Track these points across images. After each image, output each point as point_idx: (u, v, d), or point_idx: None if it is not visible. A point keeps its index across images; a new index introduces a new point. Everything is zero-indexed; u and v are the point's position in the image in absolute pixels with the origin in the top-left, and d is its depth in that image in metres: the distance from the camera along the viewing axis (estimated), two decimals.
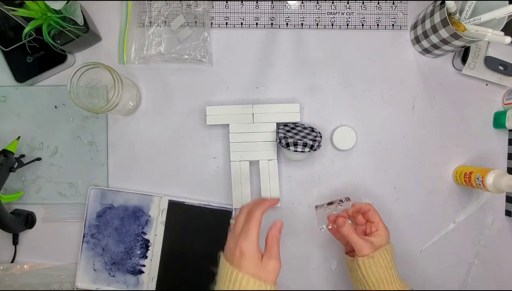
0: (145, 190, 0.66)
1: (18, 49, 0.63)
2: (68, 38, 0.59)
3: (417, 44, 0.65)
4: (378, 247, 0.55)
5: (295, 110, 0.64)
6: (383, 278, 0.53)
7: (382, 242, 0.56)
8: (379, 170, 0.67)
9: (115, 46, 0.66)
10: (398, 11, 0.67)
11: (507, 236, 0.67)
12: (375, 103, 0.67)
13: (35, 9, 0.55)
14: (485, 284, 0.68)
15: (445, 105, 0.67)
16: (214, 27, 0.66)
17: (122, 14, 0.66)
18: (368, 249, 0.54)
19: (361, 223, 0.60)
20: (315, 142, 0.60)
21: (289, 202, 0.67)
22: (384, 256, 0.54)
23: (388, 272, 0.54)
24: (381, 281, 0.53)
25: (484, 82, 0.67)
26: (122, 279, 0.65)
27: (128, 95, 0.60)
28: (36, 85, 0.66)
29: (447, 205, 0.68)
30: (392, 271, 0.54)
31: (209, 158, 0.67)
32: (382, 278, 0.53)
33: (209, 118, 0.64)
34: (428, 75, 0.67)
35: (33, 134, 0.66)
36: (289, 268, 0.67)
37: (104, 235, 0.66)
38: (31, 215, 0.66)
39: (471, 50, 0.64)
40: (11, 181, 0.64)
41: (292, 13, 0.67)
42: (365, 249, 0.54)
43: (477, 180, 0.60)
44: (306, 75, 0.67)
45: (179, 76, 0.67)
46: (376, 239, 0.56)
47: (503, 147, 0.67)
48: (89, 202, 0.65)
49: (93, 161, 0.66)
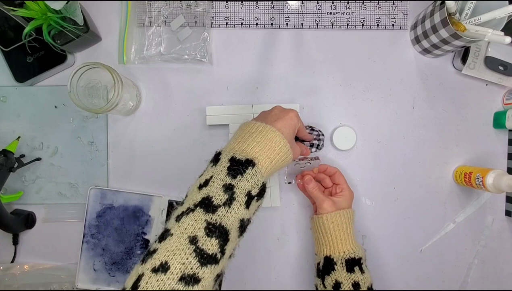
0: (145, 190, 0.66)
1: (18, 49, 0.63)
2: (68, 38, 0.59)
3: (417, 44, 0.65)
4: (339, 207, 0.57)
5: None
6: (338, 237, 0.55)
7: (345, 204, 0.58)
8: (379, 170, 0.67)
9: (115, 46, 0.66)
10: (398, 11, 0.67)
11: (507, 236, 0.67)
12: (375, 103, 0.67)
13: (35, 9, 0.55)
14: (485, 284, 0.68)
15: (445, 105, 0.67)
16: (214, 27, 0.66)
17: (122, 14, 0.66)
18: (329, 206, 0.56)
19: (327, 185, 0.62)
20: (320, 141, 0.61)
21: (289, 202, 0.67)
22: (343, 217, 0.56)
23: (344, 233, 0.55)
24: (336, 240, 0.55)
25: (484, 82, 0.67)
26: (122, 279, 0.65)
27: (128, 95, 0.60)
28: (36, 85, 0.66)
29: (447, 205, 0.68)
30: (348, 232, 0.56)
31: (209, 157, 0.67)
32: (337, 238, 0.55)
33: (209, 118, 0.64)
34: (428, 75, 0.67)
35: (33, 134, 0.66)
36: (289, 268, 0.67)
37: (104, 235, 0.66)
38: (31, 215, 0.66)
39: (471, 50, 0.64)
40: (11, 181, 0.64)
41: (292, 13, 0.67)
42: (326, 206, 0.56)
43: (477, 180, 0.60)
44: (306, 75, 0.67)
45: (179, 76, 0.67)
46: (339, 199, 0.58)
47: (503, 147, 0.67)
48: (89, 202, 0.65)
49: (93, 161, 0.66)
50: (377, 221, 0.67)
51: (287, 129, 0.48)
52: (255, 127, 0.46)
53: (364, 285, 0.53)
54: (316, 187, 0.58)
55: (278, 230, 0.67)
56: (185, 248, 0.36)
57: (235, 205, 0.40)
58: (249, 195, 0.42)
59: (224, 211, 0.39)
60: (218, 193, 0.40)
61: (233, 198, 0.40)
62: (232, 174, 0.42)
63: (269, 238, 0.67)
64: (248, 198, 0.42)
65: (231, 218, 0.40)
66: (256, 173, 0.42)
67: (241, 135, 0.46)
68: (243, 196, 0.41)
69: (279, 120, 0.48)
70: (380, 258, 0.67)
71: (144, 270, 0.35)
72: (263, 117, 0.50)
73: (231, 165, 0.42)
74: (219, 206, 0.39)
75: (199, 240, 0.37)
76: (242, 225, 0.42)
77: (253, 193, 0.42)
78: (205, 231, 0.38)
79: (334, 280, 0.53)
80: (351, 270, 0.53)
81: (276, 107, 0.52)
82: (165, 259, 0.35)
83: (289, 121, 0.49)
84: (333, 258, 0.54)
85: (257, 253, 0.67)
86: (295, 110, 0.51)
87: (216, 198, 0.40)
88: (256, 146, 0.44)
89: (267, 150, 0.44)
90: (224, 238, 0.39)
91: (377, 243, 0.67)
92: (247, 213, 0.42)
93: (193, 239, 0.37)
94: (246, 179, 0.42)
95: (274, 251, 0.67)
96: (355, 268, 0.53)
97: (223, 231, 0.39)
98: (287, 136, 0.47)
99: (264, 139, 0.45)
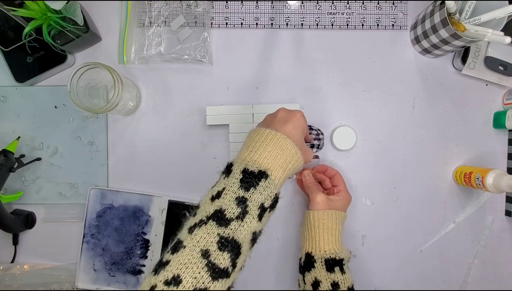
0: (145, 190, 0.66)
1: (18, 49, 0.63)
2: (68, 38, 0.59)
3: (417, 44, 0.65)
4: (332, 207, 0.56)
5: None
6: (322, 236, 0.54)
7: (339, 205, 0.57)
8: (379, 170, 0.67)
9: (115, 46, 0.66)
10: (398, 11, 0.67)
11: (507, 236, 0.67)
12: (375, 103, 0.67)
13: (35, 9, 0.55)
14: (485, 284, 0.68)
15: (445, 105, 0.67)
16: (214, 27, 0.66)
17: (122, 14, 0.66)
18: (322, 202, 0.55)
19: (327, 187, 0.62)
20: (320, 141, 0.62)
21: (289, 202, 0.67)
22: (332, 218, 0.55)
23: (329, 233, 0.54)
24: (319, 238, 0.54)
25: (484, 82, 0.67)
26: (122, 279, 0.65)
27: (128, 95, 0.60)
28: (36, 85, 0.66)
29: (447, 205, 0.68)
30: (334, 234, 0.55)
31: (209, 158, 0.67)
32: (321, 236, 0.54)
33: (209, 119, 0.64)
34: (428, 75, 0.67)
35: (33, 134, 0.66)
36: (289, 268, 0.67)
37: (104, 235, 0.66)
38: (31, 215, 0.66)
39: (471, 50, 0.64)
40: (11, 181, 0.64)
41: (292, 13, 0.67)
42: (319, 200, 0.55)
43: (477, 180, 0.60)
44: (306, 75, 0.67)
45: (179, 76, 0.67)
46: (335, 198, 0.57)
47: (503, 147, 0.67)
48: (89, 202, 0.65)
49: (93, 161, 0.66)
50: (377, 221, 0.67)
51: (297, 133, 0.47)
52: (265, 135, 0.45)
53: (344, 285, 0.52)
54: (313, 182, 0.58)
55: (278, 230, 0.67)
56: (197, 261, 0.36)
57: (248, 218, 0.40)
58: (262, 207, 0.42)
59: (237, 225, 0.39)
60: (231, 206, 0.40)
61: (246, 212, 0.40)
62: (245, 187, 0.41)
63: (269, 238, 0.67)
64: (261, 211, 0.42)
65: (243, 231, 0.40)
66: (269, 184, 0.42)
67: (252, 144, 0.45)
68: (256, 208, 0.41)
69: (288, 123, 0.47)
70: (380, 258, 0.67)
71: (156, 281, 0.36)
72: (269, 122, 0.49)
73: (244, 177, 0.42)
74: (232, 220, 0.39)
75: (211, 254, 0.37)
76: (254, 237, 0.42)
77: (266, 205, 0.42)
78: (217, 245, 0.38)
79: (314, 277, 0.53)
80: (331, 270, 0.53)
81: (280, 110, 0.50)
82: (178, 272, 0.36)
83: (298, 123, 0.48)
84: (314, 256, 0.54)
85: (257, 253, 0.67)
86: (301, 111, 0.50)
87: (229, 211, 0.40)
88: (268, 155, 0.43)
89: (279, 159, 0.44)
90: (236, 252, 0.39)
91: (377, 243, 0.67)
92: (259, 225, 0.42)
93: (205, 253, 0.37)
94: (259, 191, 0.41)
95: (274, 251, 0.67)
96: (335, 268, 0.53)
97: (236, 245, 0.39)
98: (297, 140, 0.47)
99: (276, 148, 0.44)
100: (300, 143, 0.48)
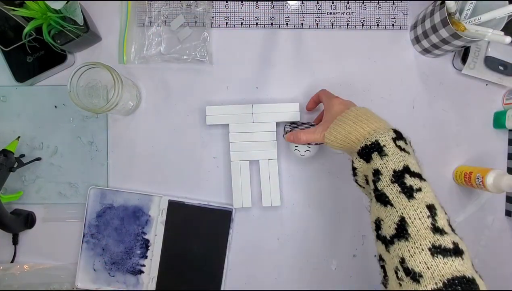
0: (145, 190, 0.66)
1: (18, 49, 0.63)
2: (68, 38, 0.59)
3: (417, 44, 0.65)
4: (330, 122, 0.52)
5: (295, 110, 0.64)
6: (353, 136, 0.49)
7: (333, 115, 0.52)
8: None
9: (115, 46, 0.66)
10: (398, 11, 0.67)
11: (507, 236, 0.67)
12: (375, 103, 0.67)
13: (35, 9, 0.55)
14: (485, 284, 0.67)
15: (445, 105, 0.67)
16: (214, 27, 0.66)
17: (122, 14, 0.66)
18: (320, 133, 0.53)
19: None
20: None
21: (289, 201, 0.67)
22: (342, 122, 0.50)
23: (357, 126, 0.49)
24: (354, 139, 0.49)
25: (484, 82, 0.67)
26: (122, 279, 0.65)
27: (128, 95, 0.60)
28: (36, 85, 0.66)
29: (447, 205, 0.67)
30: (364, 123, 0.49)
31: (209, 158, 0.67)
32: (351, 136, 0.49)
33: (209, 118, 0.64)
34: (428, 75, 0.67)
35: (33, 134, 0.66)
36: (289, 268, 0.67)
37: (104, 235, 0.66)
38: (31, 215, 0.66)
39: (471, 50, 0.64)
40: (11, 181, 0.63)
41: (292, 13, 0.67)
42: (318, 136, 0.54)
43: (477, 180, 0.60)
44: (306, 75, 0.67)
45: (179, 76, 0.67)
46: (324, 118, 0.54)
47: (503, 147, 0.67)
48: (89, 202, 0.65)
49: (93, 161, 0.66)
50: None
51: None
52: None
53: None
54: (301, 133, 0.56)
55: (278, 230, 0.67)
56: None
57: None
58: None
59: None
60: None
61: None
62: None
63: (269, 238, 0.67)
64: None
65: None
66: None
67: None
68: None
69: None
70: None
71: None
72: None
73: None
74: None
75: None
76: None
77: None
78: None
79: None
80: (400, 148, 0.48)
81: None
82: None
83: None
84: (379, 138, 0.48)
85: (257, 253, 0.67)
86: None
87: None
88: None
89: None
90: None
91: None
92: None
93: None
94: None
95: (274, 251, 0.67)
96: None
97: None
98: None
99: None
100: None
